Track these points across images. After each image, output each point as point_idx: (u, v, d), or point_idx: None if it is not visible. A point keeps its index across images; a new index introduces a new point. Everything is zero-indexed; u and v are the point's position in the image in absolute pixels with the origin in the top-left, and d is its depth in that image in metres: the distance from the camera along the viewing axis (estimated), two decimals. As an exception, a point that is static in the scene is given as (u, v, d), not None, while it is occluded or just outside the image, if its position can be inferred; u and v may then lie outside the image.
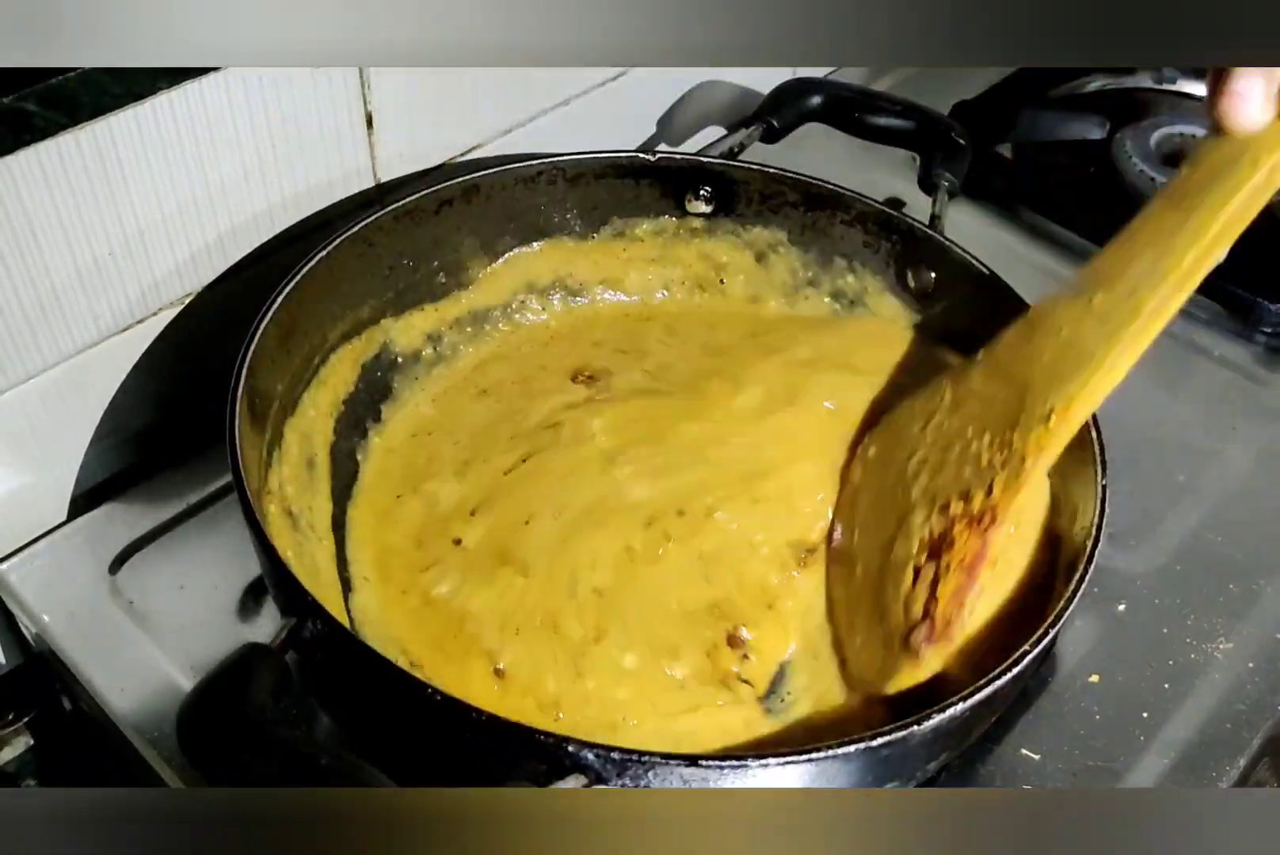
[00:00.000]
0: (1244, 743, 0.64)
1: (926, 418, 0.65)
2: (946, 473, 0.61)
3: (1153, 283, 0.54)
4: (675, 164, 0.74)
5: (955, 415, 0.63)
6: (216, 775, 0.45)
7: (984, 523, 0.58)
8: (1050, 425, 0.57)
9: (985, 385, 0.62)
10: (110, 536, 0.70)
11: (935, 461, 0.62)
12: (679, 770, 0.47)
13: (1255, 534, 0.74)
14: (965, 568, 0.58)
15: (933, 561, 0.59)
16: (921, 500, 0.62)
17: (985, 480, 0.59)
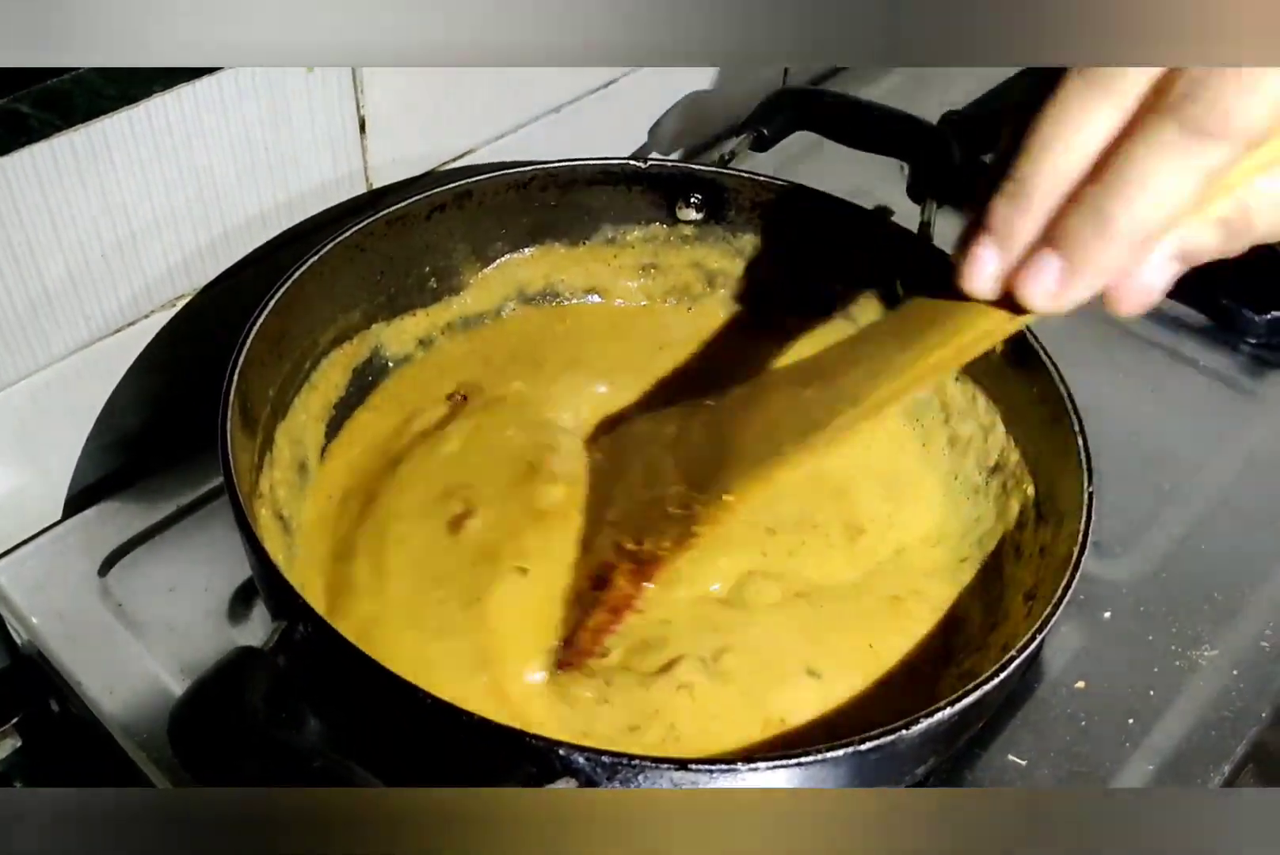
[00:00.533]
0: (1229, 749, 0.65)
1: (652, 441, 0.65)
2: (640, 507, 0.62)
3: (852, 400, 0.53)
4: (666, 171, 0.74)
5: (669, 453, 0.63)
6: (208, 778, 0.45)
7: (642, 573, 0.59)
8: (726, 502, 0.57)
9: (702, 436, 0.62)
10: (100, 538, 0.70)
11: (637, 491, 0.63)
12: (669, 773, 0.47)
13: (1240, 542, 0.74)
14: (611, 610, 0.59)
15: (595, 591, 0.60)
16: (610, 525, 0.62)
17: (660, 531, 0.59)
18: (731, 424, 0.60)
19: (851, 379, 0.54)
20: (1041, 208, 0.42)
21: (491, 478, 0.67)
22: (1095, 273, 0.42)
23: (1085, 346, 0.85)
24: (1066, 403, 0.62)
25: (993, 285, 0.44)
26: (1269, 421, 0.82)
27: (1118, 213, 0.40)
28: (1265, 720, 0.66)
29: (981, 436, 0.70)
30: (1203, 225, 0.42)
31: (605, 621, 0.59)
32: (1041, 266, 0.42)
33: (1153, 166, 0.39)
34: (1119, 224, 0.40)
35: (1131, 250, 0.41)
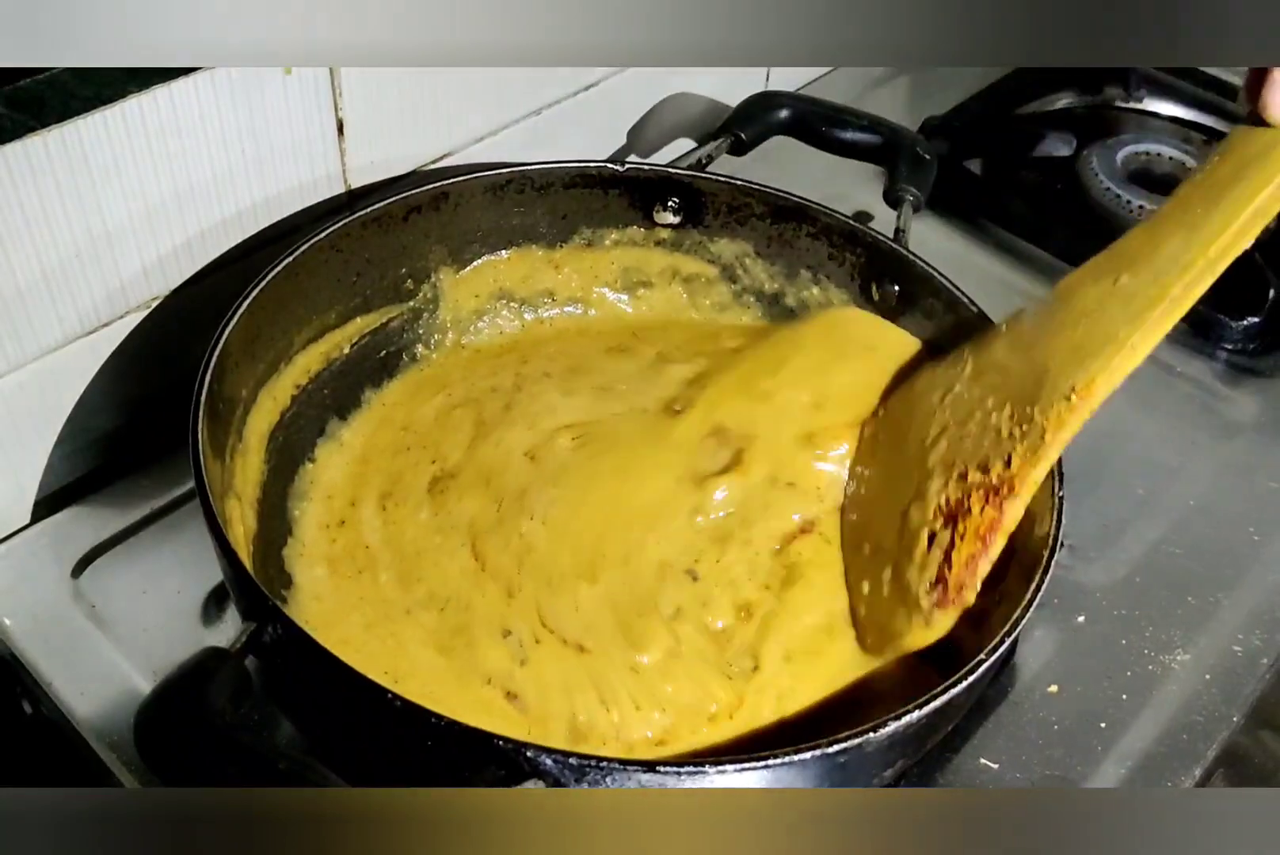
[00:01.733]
0: (1200, 753, 0.65)
1: (946, 386, 0.66)
2: (965, 442, 0.62)
3: (1179, 268, 0.54)
4: (644, 175, 0.75)
5: (975, 385, 0.64)
6: (173, 779, 0.45)
7: (1001, 493, 0.59)
8: (1072, 401, 0.57)
9: (1007, 357, 0.63)
10: (73, 540, 0.70)
11: (954, 430, 0.63)
12: (637, 775, 0.47)
13: (1214, 548, 0.75)
14: (981, 536, 0.59)
15: (948, 528, 0.60)
16: (939, 467, 0.63)
17: (1004, 452, 0.60)
18: (1041, 336, 0.61)
19: (1168, 252, 0.54)
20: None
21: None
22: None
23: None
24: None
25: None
26: (1244, 428, 0.83)
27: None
28: (1236, 724, 0.66)
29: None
30: None
31: (977, 550, 0.59)
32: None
33: None
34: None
35: None
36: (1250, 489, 0.78)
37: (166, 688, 0.46)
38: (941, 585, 0.59)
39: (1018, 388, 0.60)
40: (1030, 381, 0.60)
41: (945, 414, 0.64)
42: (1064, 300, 0.61)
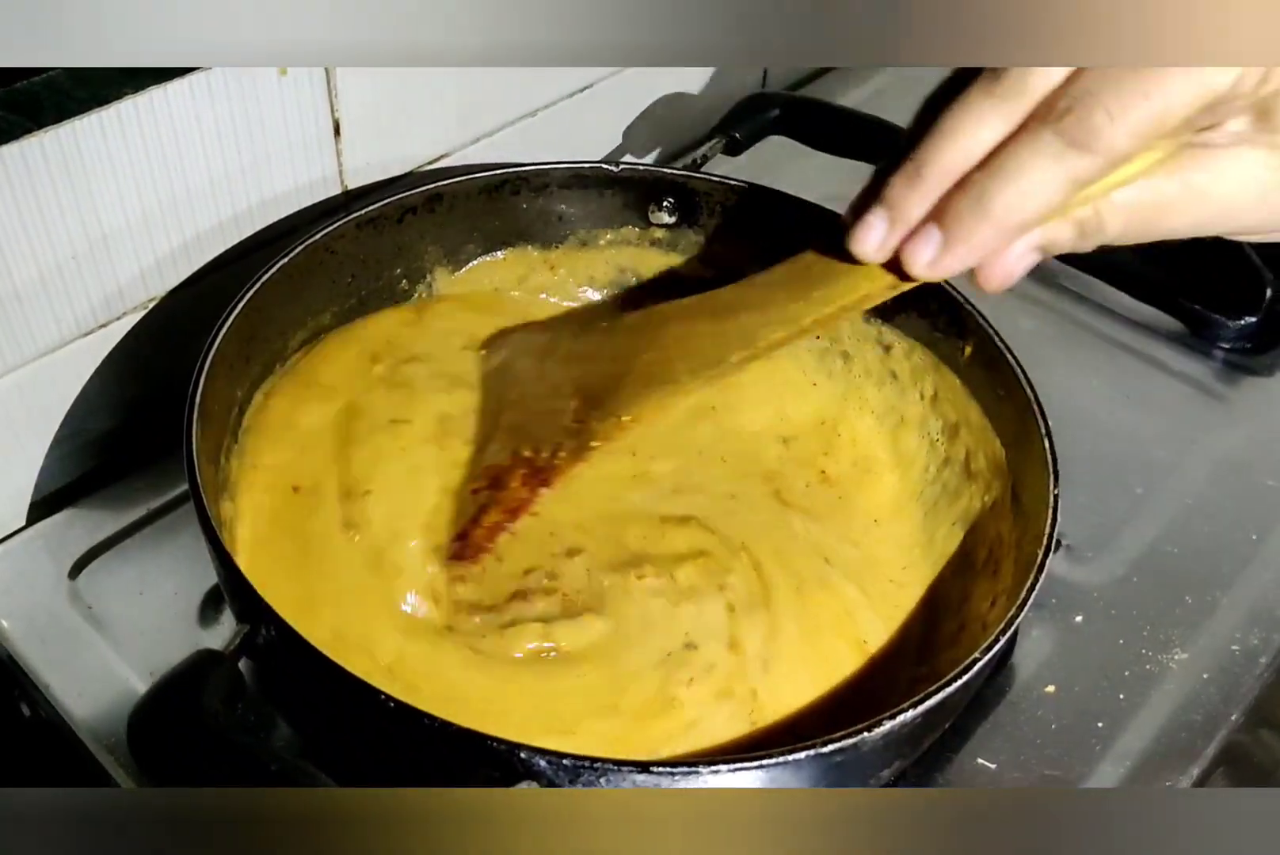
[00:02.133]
0: (1198, 752, 0.65)
1: (548, 354, 0.68)
2: (535, 416, 0.64)
3: (744, 342, 0.57)
4: (638, 175, 0.74)
5: (563, 368, 0.66)
6: (167, 781, 0.45)
7: (539, 478, 0.61)
8: (623, 422, 0.60)
9: (597, 355, 0.65)
10: (70, 541, 0.70)
11: (532, 401, 0.65)
12: (631, 776, 0.47)
13: (1211, 547, 0.75)
14: (509, 510, 0.61)
15: (490, 489, 0.62)
16: (505, 430, 0.65)
17: (555, 441, 0.62)
18: (627, 347, 0.63)
19: (745, 322, 0.58)
20: (933, 188, 0.47)
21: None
22: (969, 248, 0.47)
23: (1059, 351, 0.85)
24: (1033, 406, 0.62)
25: (879, 251, 0.50)
26: (1241, 427, 0.83)
27: (995, 199, 0.45)
28: (1235, 723, 0.66)
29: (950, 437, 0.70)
30: (1061, 223, 0.47)
31: (500, 520, 0.61)
32: (924, 237, 0.48)
33: (1029, 164, 0.44)
34: (995, 209, 0.45)
35: (1002, 233, 0.46)
36: (1248, 488, 0.78)
37: (160, 689, 0.46)
38: (464, 540, 0.61)
39: (593, 388, 0.63)
40: (602, 388, 0.62)
41: (534, 381, 0.67)
42: (658, 323, 0.63)
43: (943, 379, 0.70)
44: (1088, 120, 0.43)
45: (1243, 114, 0.45)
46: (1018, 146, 0.44)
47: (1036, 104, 0.44)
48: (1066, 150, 0.43)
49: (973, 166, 0.46)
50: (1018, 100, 0.44)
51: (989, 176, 0.45)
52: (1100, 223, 0.47)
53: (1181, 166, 0.46)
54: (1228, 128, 0.45)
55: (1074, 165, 0.43)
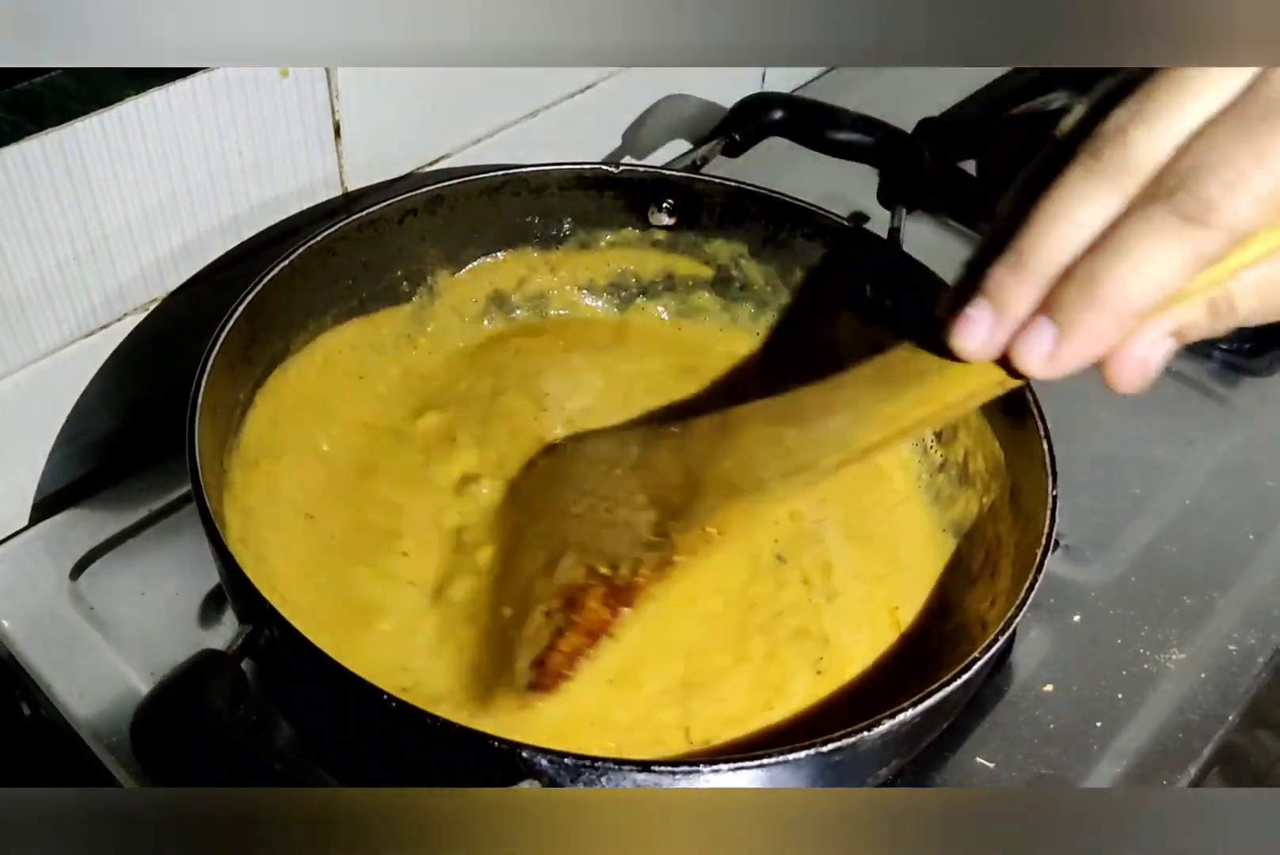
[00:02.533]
0: (1195, 752, 0.65)
1: (614, 462, 0.64)
2: (606, 529, 0.61)
3: (837, 446, 0.54)
4: (638, 176, 0.75)
5: (634, 476, 0.62)
6: (170, 781, 0.45)
7: (619, 597, 0.58)
8: (709, 534, 0.57)
9: (669, 463, 0.61)
10: (72, 542, 0.70)
11: (601, 513, 0.62)
12: (632, 775, 0.47)
13: (1209, 547, 0.75)
14: (588, 633, 0.58)
15: (565, 611, 0.58)
16: (575, 547, 0.61)
17: (635, 557, 0.58)
18: (702, 455, 0.59)
19: (834, 425, 0.54)
20: (1040, 278, 0.43)
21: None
22: (1087, 341, 0.43)
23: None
24: (1031, 407, 0.62)
25: (985, 348, 0.45)
26: (1240, 427, 0.83)
27: (1108, 284, 0.41)
28: (1232, 723, 0.67)
29: (948, 439, 0.70)
30: (1193, 305, 0.43)
31: (581, 644, 0.58)
32: (1036, 332, 0.44)
33: (1145, 245, 0.41)
34: (1110, 295, 0.42)
35: (1121, 322, 0.42)
36: (1246, 488, 0.79)
37: (163, 689, 0.47)
38: (541, 668, 0.57)
39: (668, 497, 0.59)
40: (680, 497, 0.59)
41: (602, 492, 0.63)
42: (733, 429, 0.59)
43: None
44: (1202, 193, 0.39)
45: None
46: (1128, 227, 0.41)
47: (1143, 183, 0.41)
48: (1184, 227, 0.40)
49: (1081, 252, 0.42)
50: (1120, 177, 0.41)
51: (1100, 260, 0.41)
52: (1231, 304, 0.44)
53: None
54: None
55: (1193, 243, 0.40)
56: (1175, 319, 0.43)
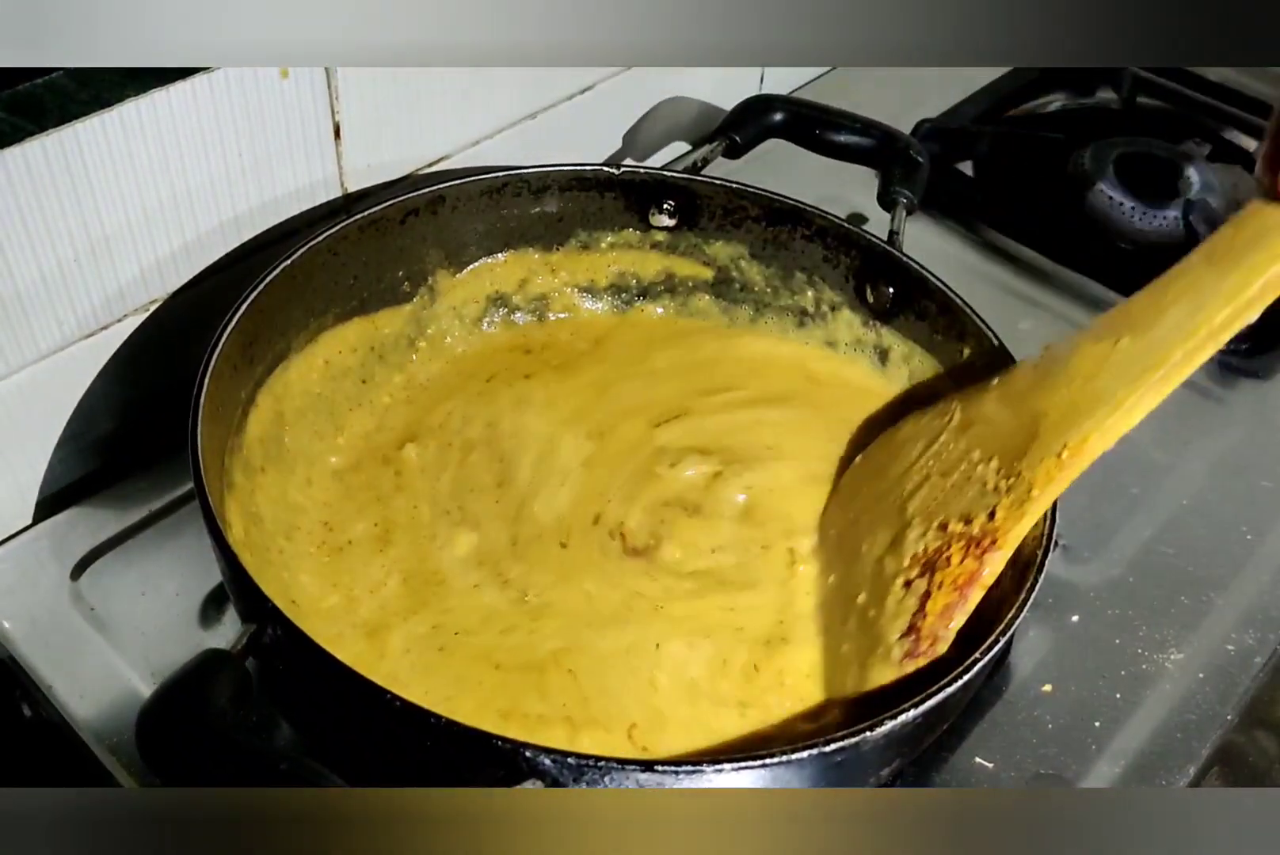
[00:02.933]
0: (1194, 752, 0.65)
1: (931, 436, 0.66)
2: (948, 493, 0.62)
3: (1183, 335, 0.54)
4: (639, 178, 0.75)
5: (962, 437, 0.64)
6: (175, 781, 0.45)
7: (983, 546, 0.59)
8: (1062, 459, 0.57)
9: (997, 412, 0.63)
10: (72, 542, 0.70)
11: (937, 480, 0.63)
12: (635, 775, 0.48)
13: (1207, 547, 0.75)
14: (959, 587, 0.58)
15: (924, 577, 0.60)
16: (919, 517, 0.62)
17: (988, 505, 0.59)
18: (1032, 392, 0.60)
19: (1173, 318, 0.54)
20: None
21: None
22: None
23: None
24: (1033, 408, 0.62)
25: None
26: (1237, 428, 0.83)
27: None
28: (1230, 723, 0.67)
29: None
30: None
31: (953, 600, 0.58)
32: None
33: None
34: None
35: None
36: (1243, 488, 0.79)
37: (168, 689, 0.47)
38: (914, 635, 0.59)
39: (1007, 442, 0.60)
40: (1020, 437, 0.60)
41: (928, 463, 0.64)
42: (1060, 360, 0.60)
43: (940, 383, 0.71)
44: None
45: None
46: None
47: None
48: None
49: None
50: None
51: None
52: None
53: None
54: None
55: None
56: None
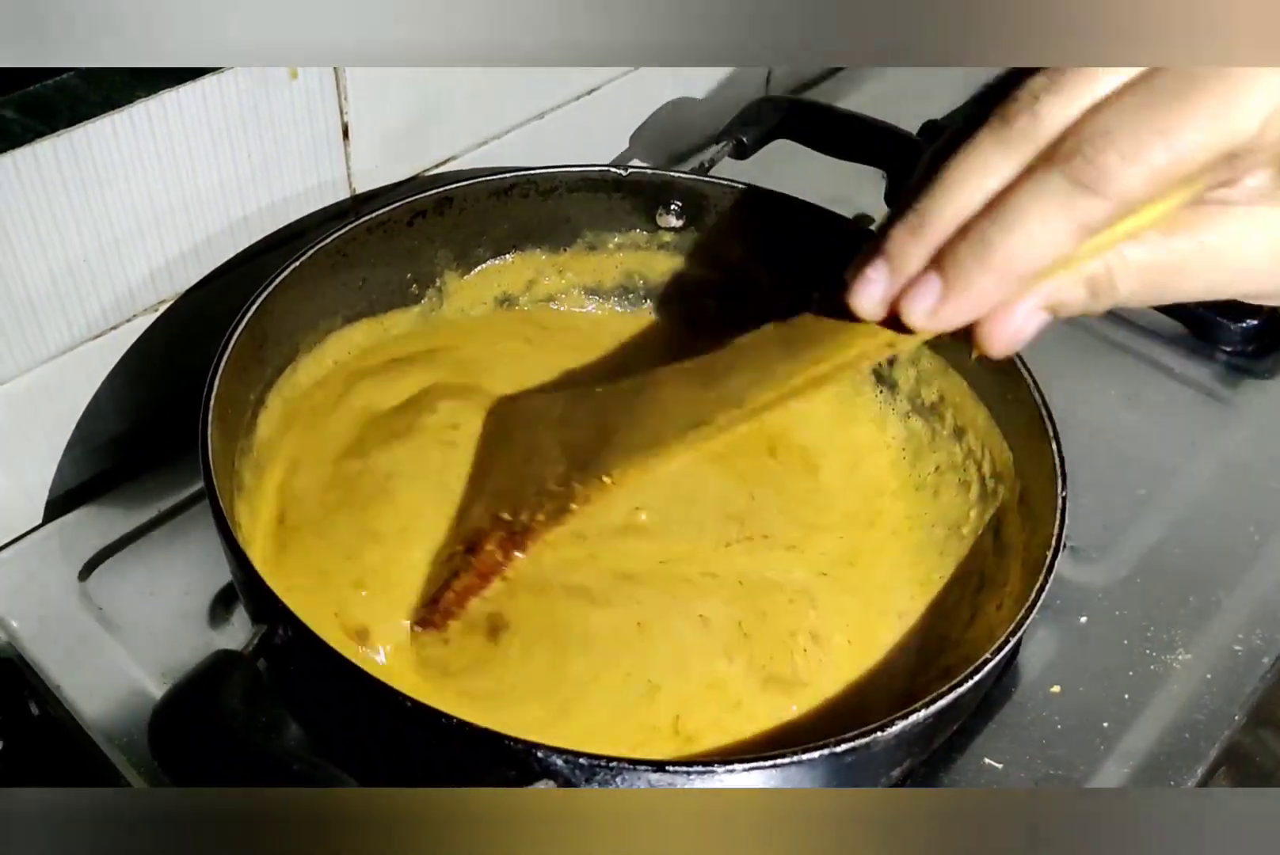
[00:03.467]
0: (1202, 752, 0.65)
1: (537, 419, 0.67)
2: (519, 480, 0.63)
3: (735, 402, 0.55)
4: (646, 178, 0.75)
5: (552, 431, 0.65)
6: (188, 781, 0.45)
7: (514, 543, 0.60)
8: (605, 484, 0.59)
9: (586, 420, 0.63)
10: (81, 542, 0.70)
11: (520, 465, 0.64)
12: (646, 775, 0.48)
13: (1214, 548, 0.75)
14: (480, 573, 0.60)
15: (466, 554, 0.61)
16: (490, 494, 0.64)
17: (537, 504, 0.60)
18: (618, 412, 0.62)
19: (736, 383, 0.56)
20: (934, 237, 0.44)
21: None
22: (970, 298, 0.44)
23: (1064, 355, 0.86)
24: (1041, 409, 0.62)
25: (878, 305, 0.47)
26: (1244, 429, 0.83)
27: (997, 245, 0.42)
28: (1238, 723, 0.67)
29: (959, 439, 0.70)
30: (1072, 281, 0.44)
31: (473, 585, 0.61)
32: (924, 286, 0.45)
33: (1035, 208, 0.41)
34: (997, 255, 0.42)
35: (1005, 282, 0.43)
36: (1250, 489, 0.79)
37: (180, 689, 0.47)
38: (434, 605, 0.60)
39: (579, 451, 0.61)
40: (589, 451, 0.61)
41: (522, 444, 0.65)
42: (651, 388, 0.61)
43: (950, 383, 0.71)
44: (1099, 161, 0.40)
45: (1264, 168, 0.42)
46: (1023, 190, 0.42)
47: (1045, 147, 0.42)
48: (1075, 193, 0.41)
49: (975, 213, 0.43)
50: (1026, 143, 0.42)
51: (991, 221, 0.42)
52: (1112, 282, 0.44)
53: (1197, 227, 0.43)
54: (1247, 183, 0.43)
55: (1082, 209, 0.41)
56: (1054, 293, 0.44)
